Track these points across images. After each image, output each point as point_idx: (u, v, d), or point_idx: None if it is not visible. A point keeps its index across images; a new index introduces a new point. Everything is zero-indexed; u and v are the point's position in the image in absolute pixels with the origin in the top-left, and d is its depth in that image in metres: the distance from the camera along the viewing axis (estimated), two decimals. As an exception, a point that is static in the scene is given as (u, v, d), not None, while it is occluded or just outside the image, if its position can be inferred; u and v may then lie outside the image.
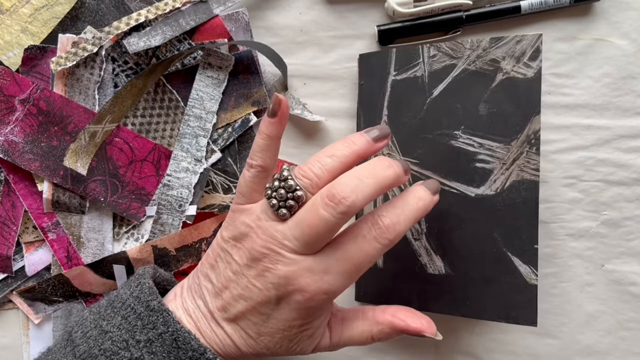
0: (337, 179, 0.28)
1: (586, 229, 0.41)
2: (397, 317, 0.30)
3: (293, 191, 0.28)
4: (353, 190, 0.27)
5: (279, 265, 0.28)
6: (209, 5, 0.40)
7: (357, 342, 0.31)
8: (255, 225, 0.29)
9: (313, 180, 0.28)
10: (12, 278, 0.41)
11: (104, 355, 0.28)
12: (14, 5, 0.39)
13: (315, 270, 0.28)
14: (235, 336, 0.29)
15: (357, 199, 0.27)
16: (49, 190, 0.40)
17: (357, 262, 0.28)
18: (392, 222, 0.28)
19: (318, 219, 0.27)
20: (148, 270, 0.33)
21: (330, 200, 0.27)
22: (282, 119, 0.31)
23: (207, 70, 0.41)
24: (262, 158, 0.31)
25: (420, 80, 0.38)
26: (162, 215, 0.41)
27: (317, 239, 0.27)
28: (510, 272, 0.36)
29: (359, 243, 0.28)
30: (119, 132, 0.41)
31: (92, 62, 0.40)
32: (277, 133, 0.31)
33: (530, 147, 0.36)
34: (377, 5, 0.42)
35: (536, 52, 0.36)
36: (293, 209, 0.28)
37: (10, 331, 0.42)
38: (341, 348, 0.32)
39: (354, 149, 0.29)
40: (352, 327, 0.31)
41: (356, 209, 0.27)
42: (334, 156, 0.29)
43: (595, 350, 0.41)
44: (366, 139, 0.30)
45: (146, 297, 0.30)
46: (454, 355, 0.42)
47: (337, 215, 0.27)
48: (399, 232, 0.28)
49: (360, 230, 0.28)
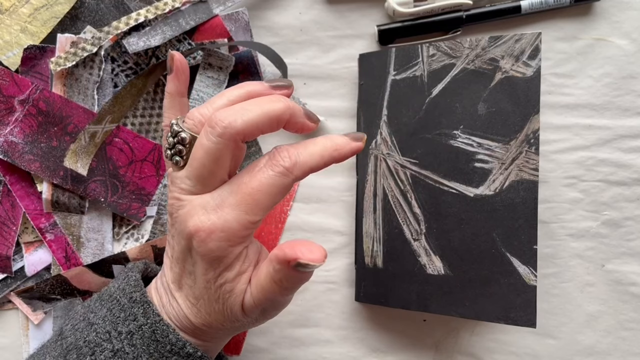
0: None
1: (586, 229, 0.41)
2: (280, 248, 0.27)
3: (177, 135, 0.27)
4: (232, 114, 0.25)
5: (180, 211, 0.27)
6: (208, 5, 0.40)
7: (268, 291, 0.28)
8: (169, 183, 0.29)
9: (197, 119, 0.27)
10: (11, 278, 0.41)
11: (87, 347, 0.28)
12: (13, 5, 0.40)
13: (209, 207, 0.26)
14: (183, 306, 0.29)
15: (234, 121, 0.25)
16: (48, 191, 0.40)
17: (251, 192, 0.26)
18: (290, 153, 0.26)
19: (200, 148, 0.26)
20: (138, 264, 0.34)
21: (209, 125, 0.26)
22: (179, 73, 0.30)
23: (208, 71, 0.41)
24: (167, 117, 0.31)
25: (419, 79, 0.38)
26: (163, 215, 0.41)
27: (204, 172, 0.26)
28: (509, 272, 0.36)
29: (254, 173, 0.26)
30: (119, 132, 0.41)
31: (91, 62, 0.40)
32: (176, 89, 0.31)
33: (530, 146, 0.36)
34: (377, 5, 0.42)
35: (535, 51, 0.36)
36: (182, 153, 0.28)
37: (9, 331, 0.42)
38: (266, 304, 0.28)
39: (247, 89, 0.28)
40: (259, 272, 0.28)
41: (235, 131, 0.25)
42: (224, 96, 0.28)
43: (596, 350, 0.41)
44: (263, 84, 0.29)
45: (130, 289, 0.30)
46: (454, 355, 0.41)
47: (214, 139, 0.25)
48: (297, 162, 0.26)
49: (258, 162, 0.27)
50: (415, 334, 0.42)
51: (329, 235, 0.42)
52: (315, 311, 0.42)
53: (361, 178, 0.40)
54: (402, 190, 0.38)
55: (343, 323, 0.42)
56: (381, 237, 0.39)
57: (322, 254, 0.26)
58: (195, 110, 0.28)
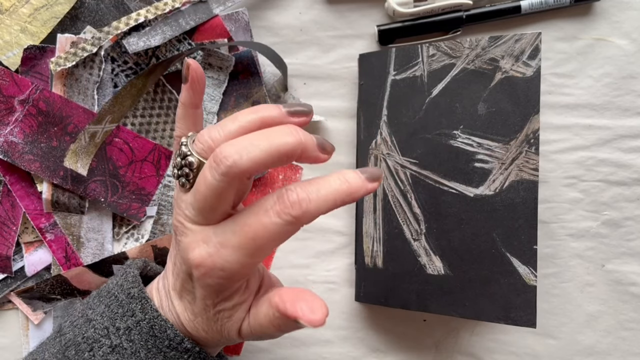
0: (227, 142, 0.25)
1: (587, 229, 0.41)
2: (282, 298, 0.26)
3: (185, 157, 0.27)
4: (237, 151, 0.24)
5: (182, 237, 0.27)
6: (208, 5, 0.40)
7: (265, 328, 0.27)
8: (175, 198, 0.29)
9: (206, 144, 0.26)
10: (11, 278, 0.41)
11: (86, 343, 0.29)
12: (13, 5, 0.40)
13: (211, 242, 0.26)
14: (182, 317, 0.29)
15: (239, 160, 0.23)
16: (48, 191, 0.40)
17: (254, 237, 0.24)
18: (300, 199, 0.24)
19: (203, 183, 0.25)
20: (137, 261, 0.34)
21: (214, 161, 0.24)
22: (194, 84, 0.29)
23: (208, 71, 0.41)
24: (180, 128, 0.30)
25: (419, 79, 0.38)
26: (163, 215, 0.41)
27: (207, 206, 0.25)
28: (509, 273, 0.36)
29: (260, 216, 0.25)
30: (119, 132, 0.41)
31: (91, 62, 0.40)
32: (190, 100, 0.29)
33: (529, 146, 0.36)
34: (377, 5, 0.42)
35: (535, 51, 0.36)
36: (189, 177, 0.27)
37: (9, 331, 0.42)
38: (261, 336, 0.28)
39: (261, 114, 0.26)
40: (259, 309, 0.27)
41: (240, 170, 0.24)
42: (236, 120, 0.26)
43: (596, 350, 0.41)
44: (280, 110, 0.27)
45: (128, 285, 0.30)
46: (454, 355, 0.41)
47: (218, 177, 0.24)
48: (308, 211, 0.24)
49: (264, 202, 0.25)
50: (415, 334, 0.42)
51: (329, 235, 0.42)
52: (315, 311, 0.42)
53: (361, 178, 0.40)
54: (402, 190, 0.38)
55: (343, 323, 0.42)
56: (381, 237, 0.39)
57: (324, 314, 0.24)
58: (206, 132, 0.26)
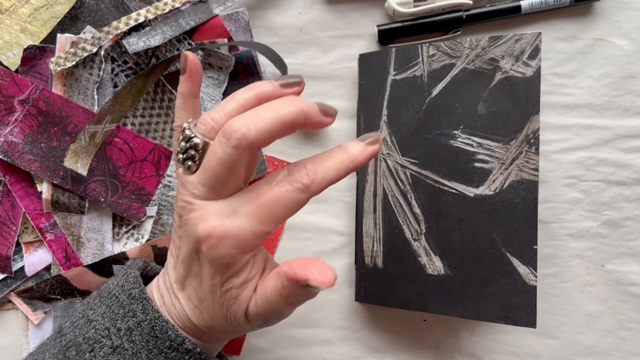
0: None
1: (586, 229, 0.41)
2: (291, 266, 0.26)
3: (189, 140, 0.27)
4: (245, 123, 0.25)
5: (191, 214, 0.27)
6: (208, 5, 0.40)
7: (273, 303, 0.27)
8: (178, 185, 0.29)
9: (209, 125, 0.27)
10: (11, 278, 0.41)
11: (87, 344, 0.29)
12: (13, 5, 0.40)
13: (222, 213, 0.26)
14: (186, 307, 0.29)
15: (248, 132, 0.25)
16: (48, 191, 0.40)
17: (267, 204, 0.26)
18: (308, 169, 0.26)
19: (214, 158, 0.26)
20: (137, 262, 0.34)
21: (223, 136, 0.25)
22: (192, 74, 0.30)
23: (208, 71, 0.41)
24: (180, 117, 0.31)
25: (419, 79, 0.38)
26: (163, 215, 0.41)
27: (218, 181, 0.26)
28: (509, 273, 0.36)
29: (272, 185, 0.26)
30: (119, 132, 0.41)
31: (91, 62, 0.40)
32: (189, 90, 0.31)
33: (530, 146, 0.36)
34: (377, 5, 0.42)
35: (535, 51, 0.36)
36: (195, 158, 0.27)
37: (9, 331, 0.42)
38: (269, 314, 0.28)
39: (256, 91, 0.28)
40: (266, 283, 0.28)
41: (249, 142, 0.25)
42: (234, 99, 0.27)
43: (596, 350, 0.41)
44: (273, 84, 0.28)
45: (129, 286, 0.30)
46: (454, 355, 0.41)
47: (229, 150, 0.25)
48: (317, 179, 0.26)
49: (276, 175, 0.27)
50: (415, 334, 0.42)
51: (329, 235, 0.42)
52: (316, 311, 0.42)
53: (361, 178, 0.40)
54: (402, 190, 0.38)
55: (343, 323, 0.42)
56: (381, 237, 0.39)
57: (333, 277, 0.25)
58: (207, 115, 0.28)
